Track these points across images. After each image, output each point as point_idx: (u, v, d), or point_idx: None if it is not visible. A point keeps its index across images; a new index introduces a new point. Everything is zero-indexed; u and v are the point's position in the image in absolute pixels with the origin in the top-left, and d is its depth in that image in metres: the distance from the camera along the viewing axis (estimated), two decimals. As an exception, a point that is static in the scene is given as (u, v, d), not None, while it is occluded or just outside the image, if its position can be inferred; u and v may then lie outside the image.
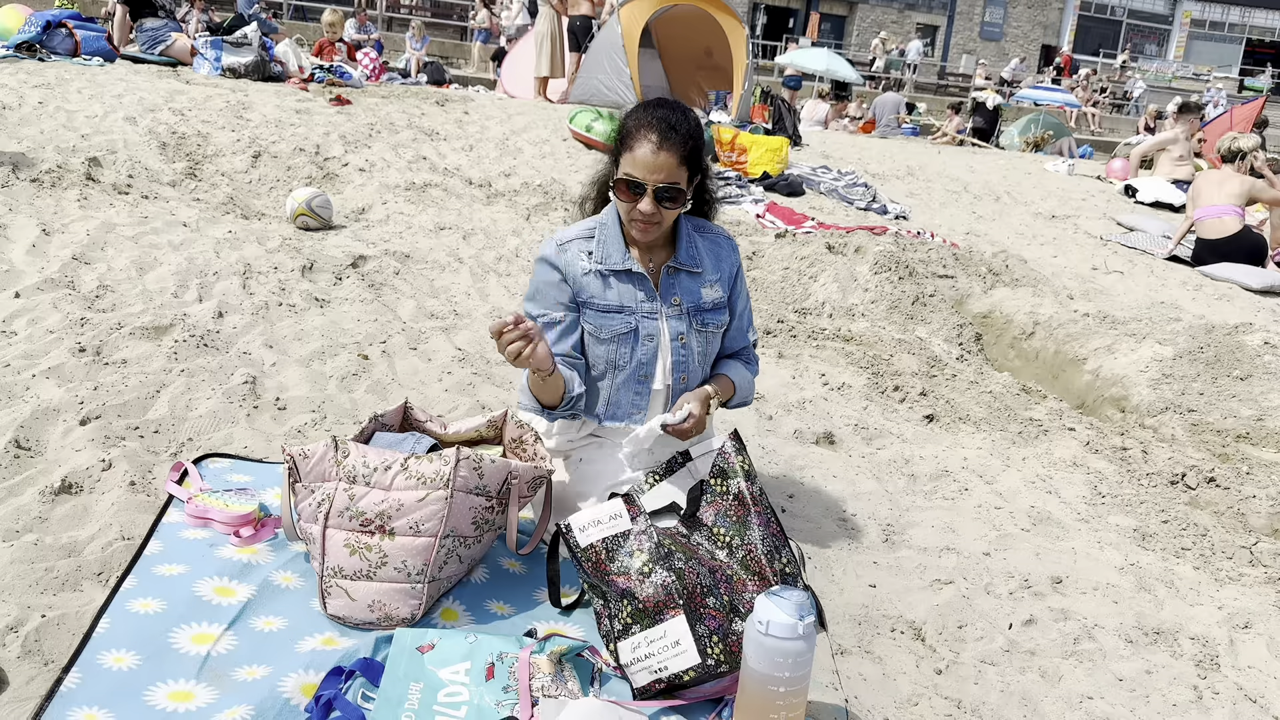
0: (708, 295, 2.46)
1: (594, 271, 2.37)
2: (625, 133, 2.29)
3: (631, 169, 2.25)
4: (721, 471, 2.27)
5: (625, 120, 2.32)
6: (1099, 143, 20.06)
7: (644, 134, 2.24)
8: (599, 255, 2.38)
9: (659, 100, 2.36)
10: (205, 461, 2.66)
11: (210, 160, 5.93)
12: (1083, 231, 8.15)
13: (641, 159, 2.23)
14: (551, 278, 2.37)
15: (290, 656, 1.94)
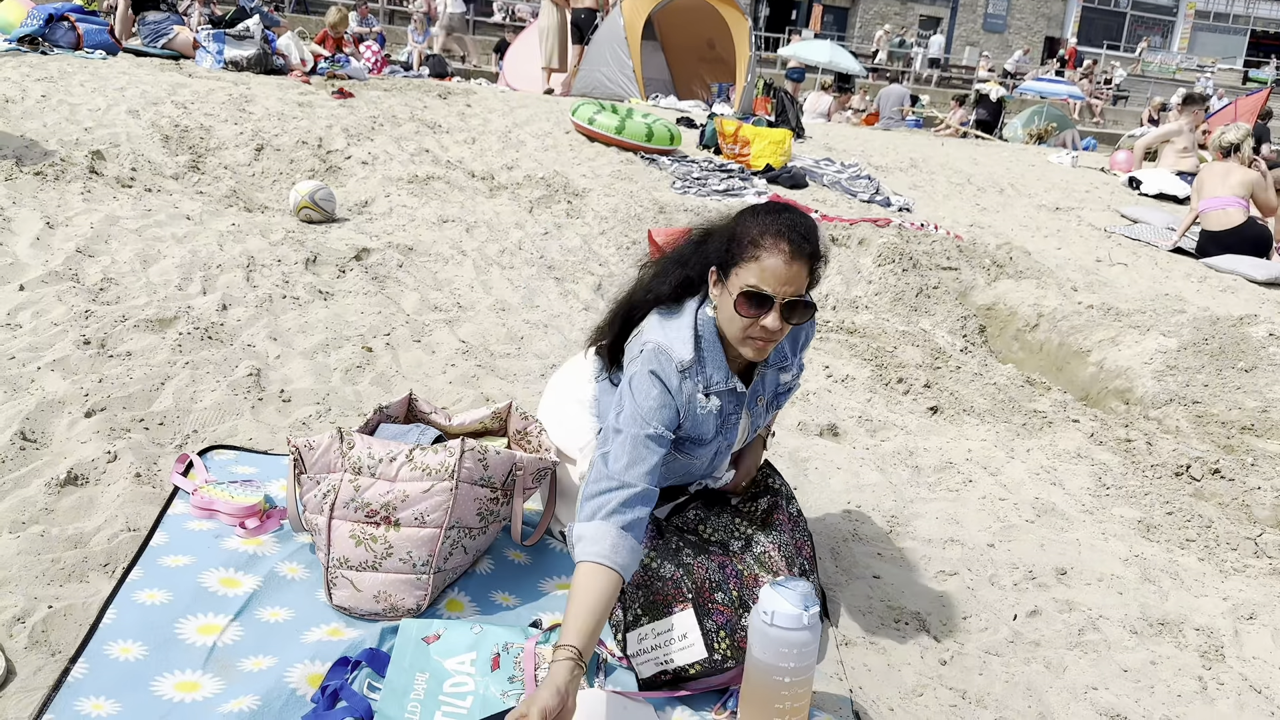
0: (785, 379, 2.26)
1: (705, 411, 2.08)
2: (747, 239, 1.98)
3: (759, 281, 1.93)
4: (751, 495, 2.29)
5: (743, 225, 2.01)
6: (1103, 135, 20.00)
7: (774, 241, 1.94)
8: (705, 380, 2.07)
9: (779, 206, 2.09)
10: (210, 453, 2.66)
11: (213, 153, 5.92)
12: (1086, 223, 8.13)
13: (773, 270, 1.93)
14: (669, 408, 2.01)
15: (296, 647, 1.95)
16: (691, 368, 2.03)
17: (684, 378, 2.03)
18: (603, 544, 1.83)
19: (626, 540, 1.85)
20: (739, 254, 1.97)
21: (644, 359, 2.03)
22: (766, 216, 1.99)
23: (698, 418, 2.07)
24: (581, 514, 1.91)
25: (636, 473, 1.92)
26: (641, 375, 2.02)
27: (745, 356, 2.03)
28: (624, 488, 1.89)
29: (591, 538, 1.84)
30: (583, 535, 1.86)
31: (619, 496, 1.88)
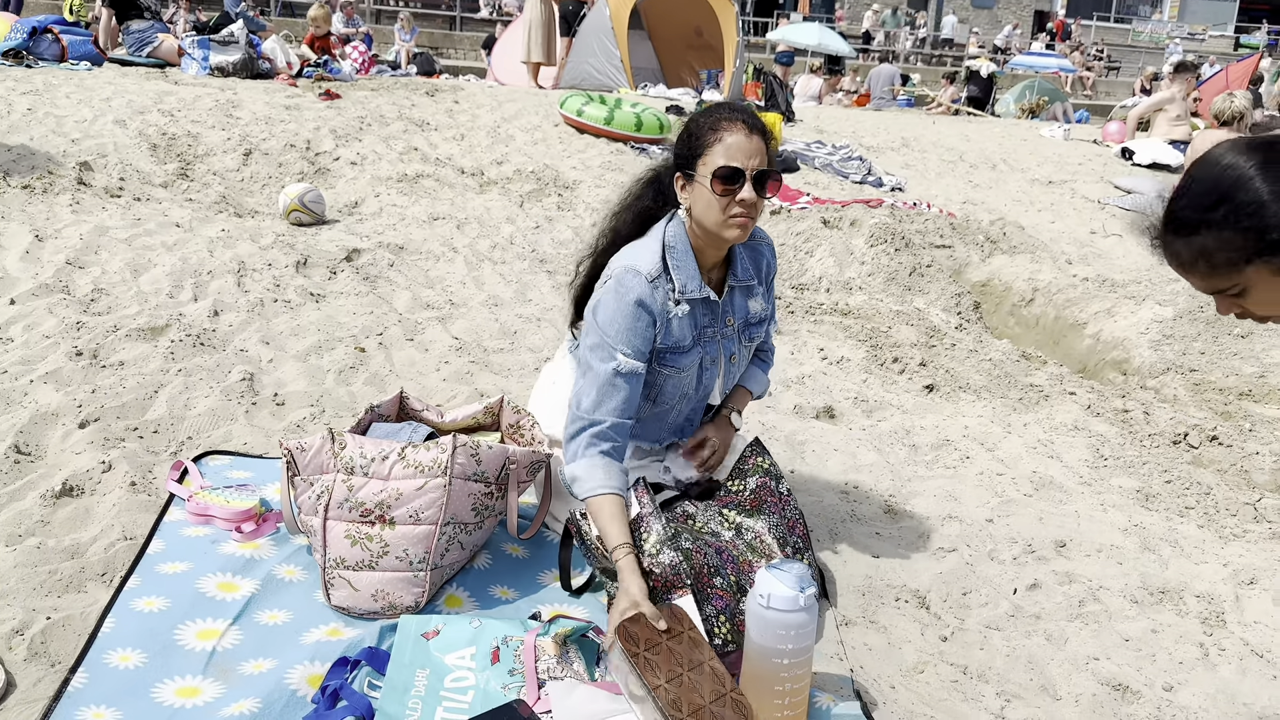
0: (754, 309, 2.36)
1: (678, 315, 2.19)
2: (702, 131, 2.13)
3: (727, 158, 2.08)
4: (740, 472, 2.29)
5: (695, 123, 2.17)
6: (1095, 106, 19.95)
7: (729, 125, 2.11)
8: (679, 285, 2.18)
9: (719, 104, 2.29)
10: (205, 459, 2.66)
11: (201, 160, 5.92)
12: (1080, 196, 8.12)
13: (737, 145, 2.08)
14: (643, 319, 2.13)
15: (296, 648, 1.95)
16: (660, 277, 2.16)
17: (654, 288, 2.15)
18: (595, 478, 2.07)
19: (612, 466, 2.10)
20: (700, 147, 2.12)
21: (610, 283, 2.17)
22: (713, 110, 2.17)
23: (671, 325, 2.19)
24: (565, 454, 2.13)
25: (605, 409, 2.12)
26: (607, 298, 2.16)
27: (729, 239, 2.15)
28: (593, 425, 2.11)
29: (584, 476, 2.08)
30: (575, 476, 2.09)
31: (591, 432, 2.11)
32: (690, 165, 2.14)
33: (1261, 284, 1.35)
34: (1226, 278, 1.37)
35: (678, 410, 2.37)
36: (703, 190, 2.11)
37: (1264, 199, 1.30)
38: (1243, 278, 1.35)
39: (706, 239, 2.19)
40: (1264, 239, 1.31)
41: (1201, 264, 1.38)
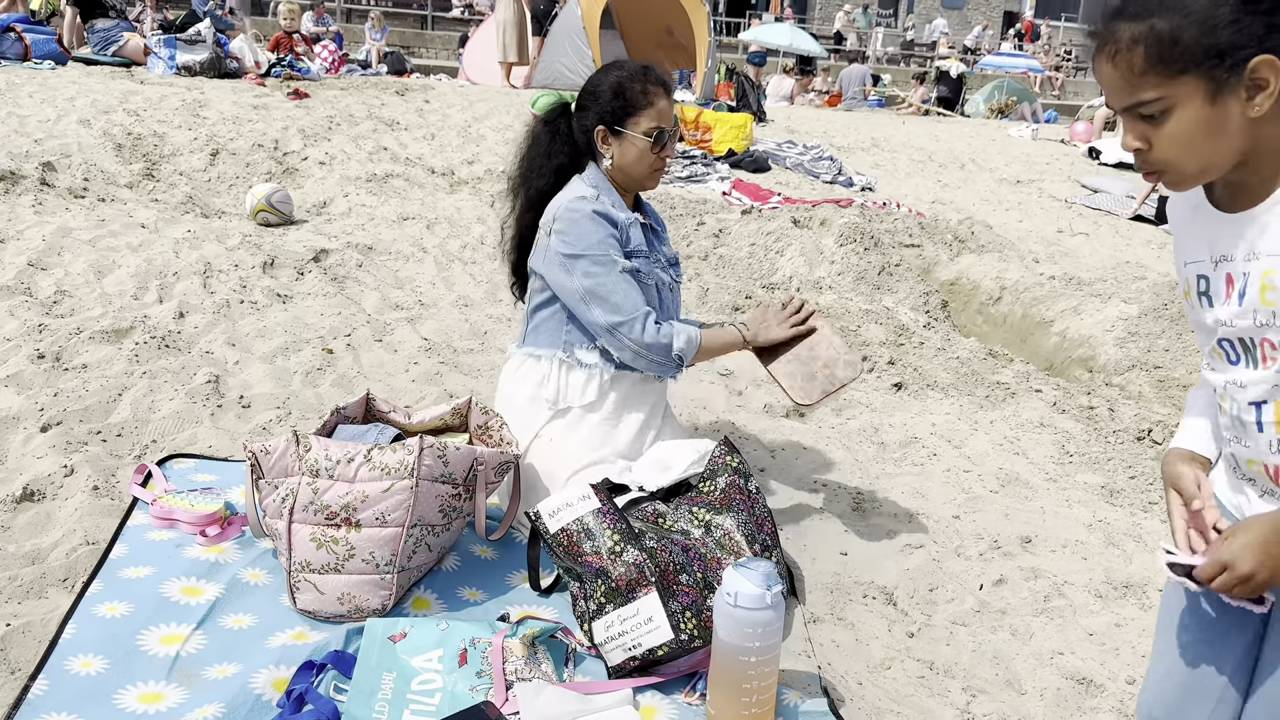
0: (668, 252, 2.62)
1: (634, 221, 2.45)
2: (633, 94, 2.40)
3: (659, 120, 2.41)
4: (711, 473, 2.30)
5: (624, 86, 2.41)
6: (1063, 106, 20.15)
7: (654, 89, 2.42)
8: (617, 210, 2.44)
9: (633, 62, 2.50)
10: (169, 463, 2.63)
11: (167, 160, 5.85)
12: (1047, 195, 8.20)
13: (664, 110, 2.43)
14: (610, 229, 2.38)
15: (261, 653, 1.93)
16: (599, 199, 2.40)
17: (599, 203, 2.39)
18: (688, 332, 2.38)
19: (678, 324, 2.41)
20: (632, 108, 2.40)
21: (560, 220, 2.37)
22: (639, 74, 2.42)
23: (629, 231, 2.43)
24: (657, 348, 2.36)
25: (640, 301, 2.36)
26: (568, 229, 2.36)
27: (650, 187, 2.50)
28: (646, 314, 2.35)
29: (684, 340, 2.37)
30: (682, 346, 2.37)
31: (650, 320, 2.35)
32: (620, 123, 2.41)
33: (1188, 105, 1.19)
34: (1156, 83, 1.19)
35: None
36: (632, 146, 2.41)
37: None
38: (1173, 90, 1.19)
39: (628, 185, 2.49)
40: (1216, 41, 1.16)
41: (1138, 52, 1.19)
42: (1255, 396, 1.30)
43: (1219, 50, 1.15)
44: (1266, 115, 1.18)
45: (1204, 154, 1.22)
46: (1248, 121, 1.19)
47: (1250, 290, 1.26)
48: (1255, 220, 1.25)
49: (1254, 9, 1.14)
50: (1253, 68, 1.15)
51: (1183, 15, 1.16)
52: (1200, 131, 1.20)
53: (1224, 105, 1.18)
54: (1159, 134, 1.22)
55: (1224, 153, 1.22)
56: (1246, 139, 1.21)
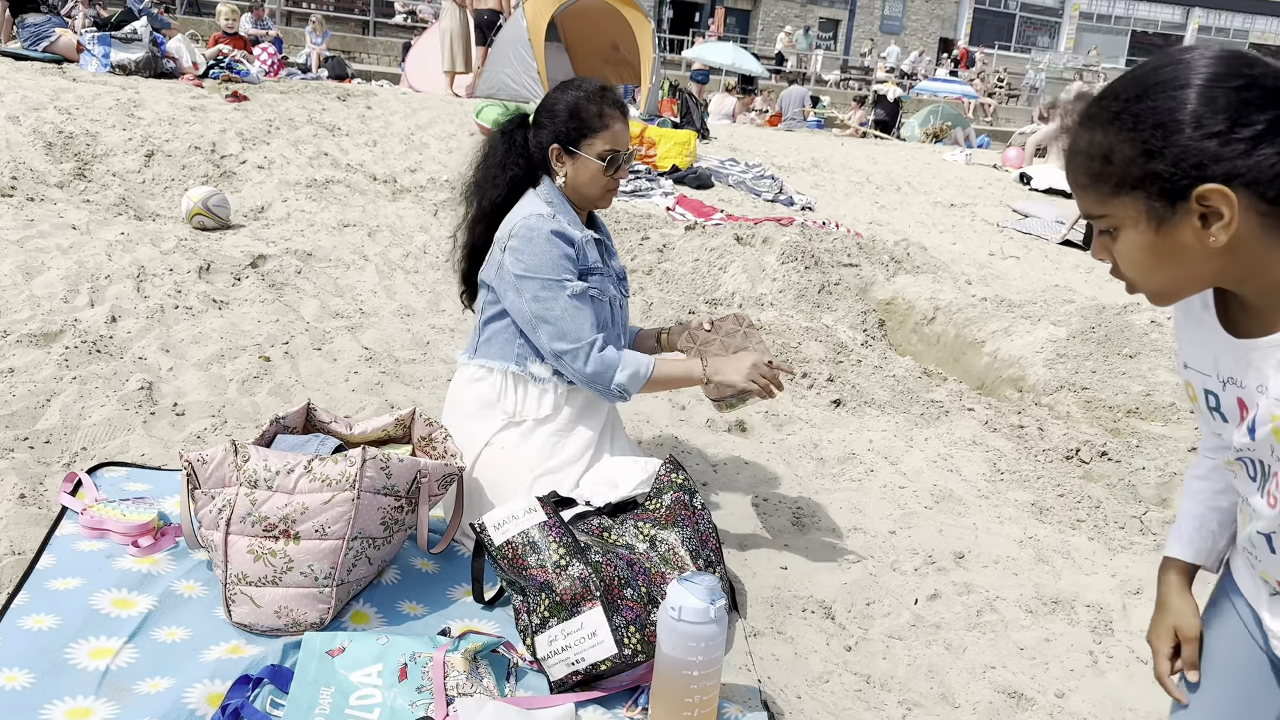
0: (617, 266, 2.63)
1: (590, 238, 2.45)
2: (589, 116, 2.41)
3: (614, 144, 2.42)
4: (657, 490, 2.31)
5: (580, 106, 2.41)
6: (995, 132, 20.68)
7: (610, 110, 2.42)
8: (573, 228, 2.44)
9: (591, 81, 2.49)
10: (100, 471, 2.57)
11: (100, 160, 5.71)
12: (980, 219, 8.41)
13: (620, 133, 2.44)
14: (566, 249, 2.36)
15: (195, 666, 1.89)
16: (556, 216, 2.39)
17: (556, 221, 2.38)
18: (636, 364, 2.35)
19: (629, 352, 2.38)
20: (588, 130, 2.41)
21: (516, 239, 2.36)
22: (596, 95, 2.42)
23: (585, 249, 2.42)
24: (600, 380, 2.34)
25: (588, 329, 2.34)
26: (523, 247, 2.34)
27: (603, 206, 2.50)
28: (593, 344, 2.33)
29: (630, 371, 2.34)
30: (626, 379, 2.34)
31: (597, 349, 2.33)
32: (575, 143, 2.41)
33: (1132, 227, 1.10)
34: (1101, 199, 1.11)
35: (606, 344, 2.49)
36: (585, 168, 2.42)
37: (1176, 118, 1.04)
38: (1117, 209, 1.10)
39: (581, 203, 2.49)
40: (1150, 163, 1.05)
41: (1083, 161, 1.12)
42: (1264, 529, 1.24)
43: (1156, 175, 1.05)
44: (1247, 242, 1.05)
45: (1161, 279, 1.12)
46: (1217, 249, 1.06)
47: (1261, 429, 1.15)
48: (1262, 351, 1.12)
49: (1201, 133, 1.02)
50: (1200, 196, 1.03)
51: (1124, 131, 1.07)
52: (1148, 256, 1.10)
53: (1172, 233, 1.07)
54: (1114, 250, 1.14)
55: (1190, 279, 1.12)
56: (1222, 264, 1.08)
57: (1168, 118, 1.04)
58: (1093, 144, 1.10)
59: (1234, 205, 1.02)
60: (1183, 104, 1.03)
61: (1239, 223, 1.03)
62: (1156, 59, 1.09)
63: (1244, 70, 1.03)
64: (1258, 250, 1.06)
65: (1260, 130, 1.00)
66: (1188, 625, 1.42)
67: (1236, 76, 1.03)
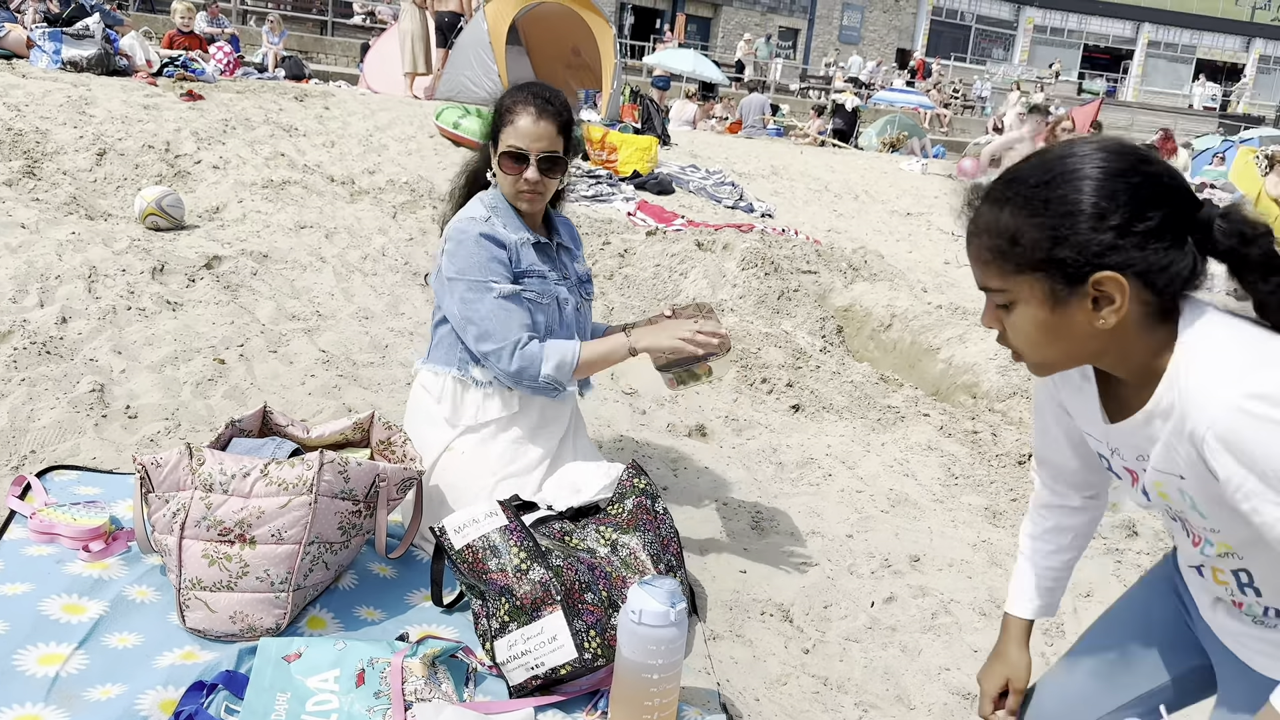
0: (581, 269, 2.61)
1: (526, 241, 2.41)
2: (503, 110, 2.38)
3: (515, 140, 2.34)
4: (619, 495, 2.31)
5: (501, 101, 2.41)
6: (951, 142, 20.96)
7: (522, 107, 2.35)
8: (511, 229, 2.41)
9: (530, 83, 2.46)
10: (50, 474, 2.52)
11: (50, 158, 5.59)
12: (935, 228, 8.52)
13: (524, 129, 2.33)
14: (495, 252, 2.34)
15: (147, 673, 1.86)
16: (490, 219, 2.38)
17: (489, 224, 2.36)
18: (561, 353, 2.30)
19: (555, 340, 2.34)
20: (499, 124, 2.37)
21: (449, 242, 2.36)
22: (516, 90, 2.39)
23: (520, 251, 2.39)
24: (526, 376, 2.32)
25: (513, 328, 2.30)
26: (454, 249, 2.35)
27: (521, 209, 2.43)
28: (516, 342, 2.29)
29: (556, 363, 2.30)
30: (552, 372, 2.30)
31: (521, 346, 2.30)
32: (494, 138, 2.40)
33: (1029, 304, 1.17)
34: (1003, 275, 1.18)
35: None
36: (500, 163, 2.38)
37: (1081, 208, 1.11)
38: (1017, 286, 1.17)
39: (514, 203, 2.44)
40: (1054, 249, 1.12)
41: (988, 239, 1.18)
42: (1192, 563, 1.33)
43: (1058, 260, 1.12)
44: (1128, 326, 1.14)
45: (1048, 353, 1.21)
46: (1103, 330, 1.14)
47: (1152, 493, 1.25)
48: (1132, 430, 1.21)
49: (1103, 225, 1.10)
50: (1096, 281, 1.11)
51: (1030, 215, 1.14)
52: (1040, 331, 1.18)
53: (1066, 312, 1.15)
54: (1007, 321, 1.21)
55: (1073, 355, 1.21)
56: (1104, 344, 1.17)
57: (1074, 207, 1.11)
58: (1000, 224, 1.16)
59: (1126, 292, 1.11)
60: (1087, 195, 1.11)
61: (1126, 308, 1.12)
62: (1062, 148, 1.16)
63: (1142, 167, 1.12)
64: (1137, 334, 1.15)
65: (1154, 226, 1.09)
66: (1019, 677, 1.59)
67: (1135, 173, 1.11)
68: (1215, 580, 1.30)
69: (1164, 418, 1.14)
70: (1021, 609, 1.60)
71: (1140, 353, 1.17)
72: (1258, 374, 1.06)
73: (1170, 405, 1.13)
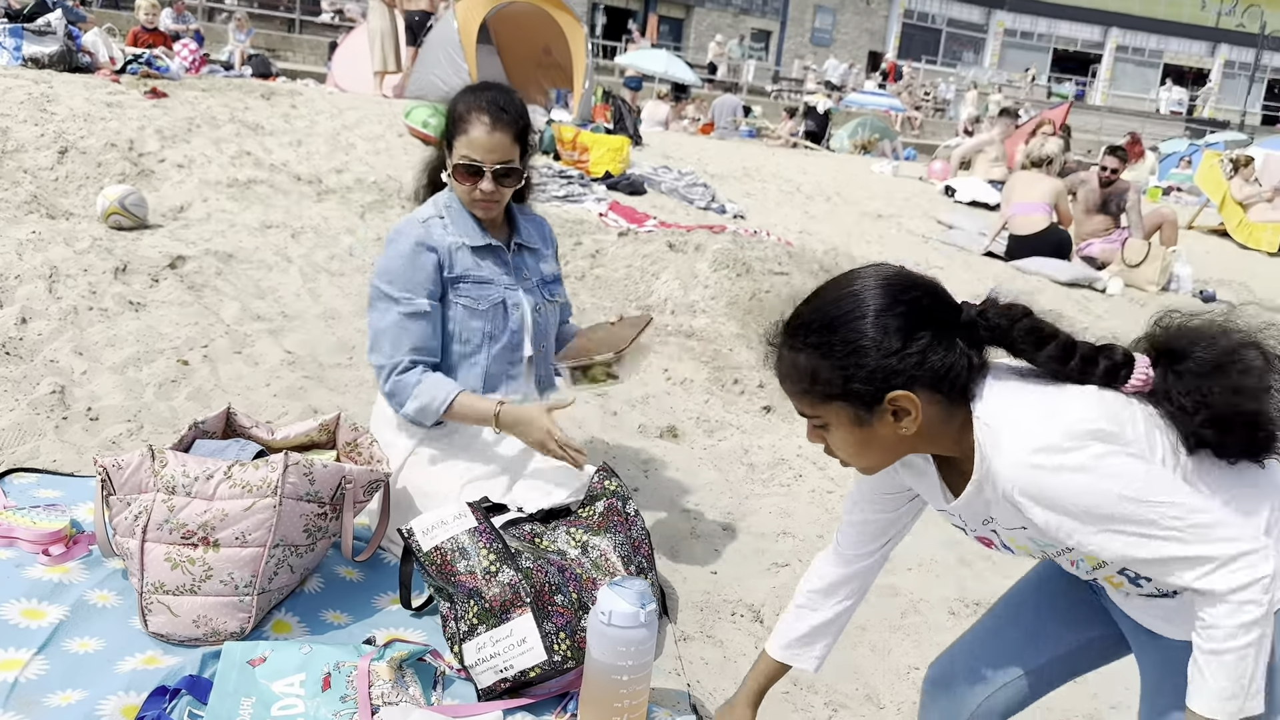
0: (548, 270, 2.56)
1: (465, 245, 2.37)
2: (456, 116, 2.32)
3: (469, 151, 2.28)
4: (591, 498, 2.30)
5: (454, 105, 2.35)
6: (922, 145, 21.12)
7: (476, 116, 2.28)
8: (457, 233, 2.38)
9: (485, 84, 2.40)
10: (9, 477, 2.47)
11: (10, 156, 5.50)
12: (906, 230, 8.57)
13: (478, 140, 2.27)
14: (423, 258, 2.31)
15: (109, 678, 1.83)
16: (431, 220, 2.35)
17: (427, 227, 2.33)
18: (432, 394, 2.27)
19: (433, 376, 2.30)
20: (453, 130, 2.31)
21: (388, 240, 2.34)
22: (470, 95, 2.32)
23: (456, 256, 2.35)
24: (392, 404, 2.33)
25: (403, 350, 2.29)
26: (386, 250, 2.33)
27: (478, 215, 2.38)
28: (396, 366, 2.29)
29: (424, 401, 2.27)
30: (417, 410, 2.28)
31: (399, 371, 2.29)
32: (449, 144, 2.34)
33: (840, 426, 1.35)
34: (812, 406, 1.35)
35: (487, 354, 2.42)
36: (454, 170, 2.33)
37: (863, 345, 1.28)
38: (826, 412, 1.34)
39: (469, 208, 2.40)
40: (848, 384, 1.29)
41: (792, 382, 1.37)
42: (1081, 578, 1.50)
43: (853, 391, 1.30)
44: (931, 424, 1.31)
45: (868, 460, 1.39)
46: (909, 434, 1.31)
47: (1011, 546, 1.44)
48: (969, 502, 1.37)
49: (884, 355, 1.27)
50: (890, 400, 1.28)
51: (822, 358, 1.31)
52: (855, 445, 1.36)
53: (873, 428, 1.32)
54: (828, 439, 1.39)
55: (892, 457, 1.39)
56: (914, 444, 1.35)
57: (855, 345, 1.28)
58: (798, 366, 1.34)
59: (917, 405, 1.28)
60: (864, 334, 1.28)
61: (923, 413, 1.29)
62: (836, 287, 1.35)
63: (904, 296, 1.30)
64: (941, 428, 1.33)
65: (925, 343, 1.28)
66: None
67: (900, 303, 1.29)
68: (1110, 584, 1.45)
69: (987, 486, 1.31)
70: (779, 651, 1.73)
71: (950, 440, 1.34)
72: (1039, 429, 1.24)
73: (985, 475, 1.30)
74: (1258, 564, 1.21)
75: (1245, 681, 1.23)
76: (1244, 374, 1.30)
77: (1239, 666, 1.22)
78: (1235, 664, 1.22)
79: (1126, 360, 1.34)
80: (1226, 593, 1.21)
